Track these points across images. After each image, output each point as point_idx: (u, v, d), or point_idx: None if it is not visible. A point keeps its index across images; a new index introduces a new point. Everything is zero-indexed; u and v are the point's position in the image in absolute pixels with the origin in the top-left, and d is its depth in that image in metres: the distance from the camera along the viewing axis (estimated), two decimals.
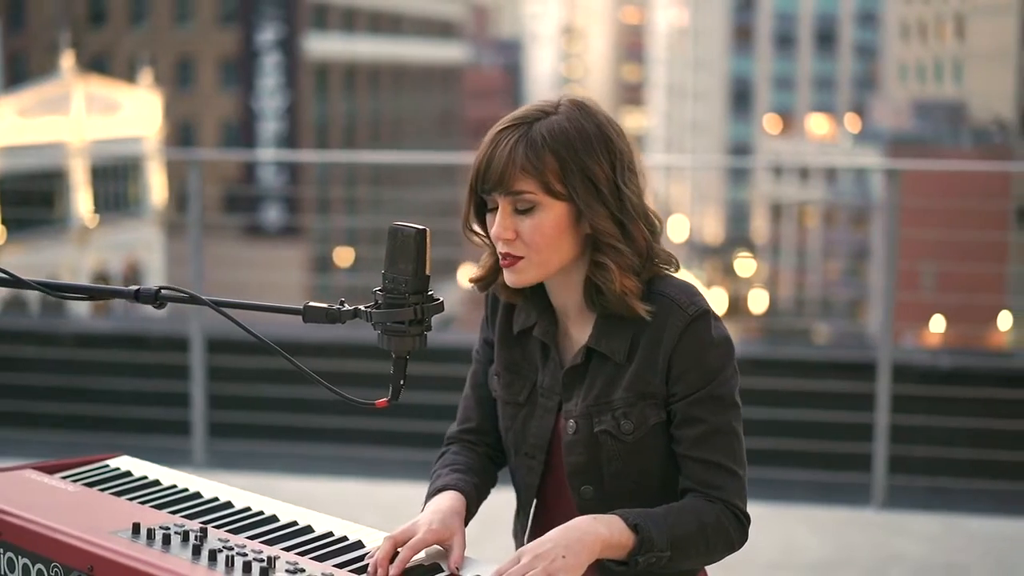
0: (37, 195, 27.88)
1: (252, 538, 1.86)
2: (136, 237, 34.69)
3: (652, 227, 2.01)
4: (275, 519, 1.96)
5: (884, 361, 5.49)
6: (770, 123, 70.35)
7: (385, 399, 1.82)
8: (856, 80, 69.77)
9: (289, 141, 44.98)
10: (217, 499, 2.04)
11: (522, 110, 2.01)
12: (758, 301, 50.51)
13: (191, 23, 46.47)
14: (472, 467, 2.13)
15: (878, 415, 5.51)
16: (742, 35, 74.10)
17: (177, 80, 46.27)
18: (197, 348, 6.03)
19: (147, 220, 35.24)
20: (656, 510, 1.93)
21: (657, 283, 2.01)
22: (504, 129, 1.98)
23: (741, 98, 73.87)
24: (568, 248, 1.98)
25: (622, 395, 2.00)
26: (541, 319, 2.09)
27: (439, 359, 5.39)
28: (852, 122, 60.74)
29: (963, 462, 5.87)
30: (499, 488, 2.21)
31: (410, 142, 53.33)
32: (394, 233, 1.77)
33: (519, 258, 1.98)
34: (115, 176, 34.93)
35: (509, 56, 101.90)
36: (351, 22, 51.51)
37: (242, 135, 45.20)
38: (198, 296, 1.84)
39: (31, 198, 27.31)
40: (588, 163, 1.95)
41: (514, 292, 2.09)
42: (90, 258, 31.91)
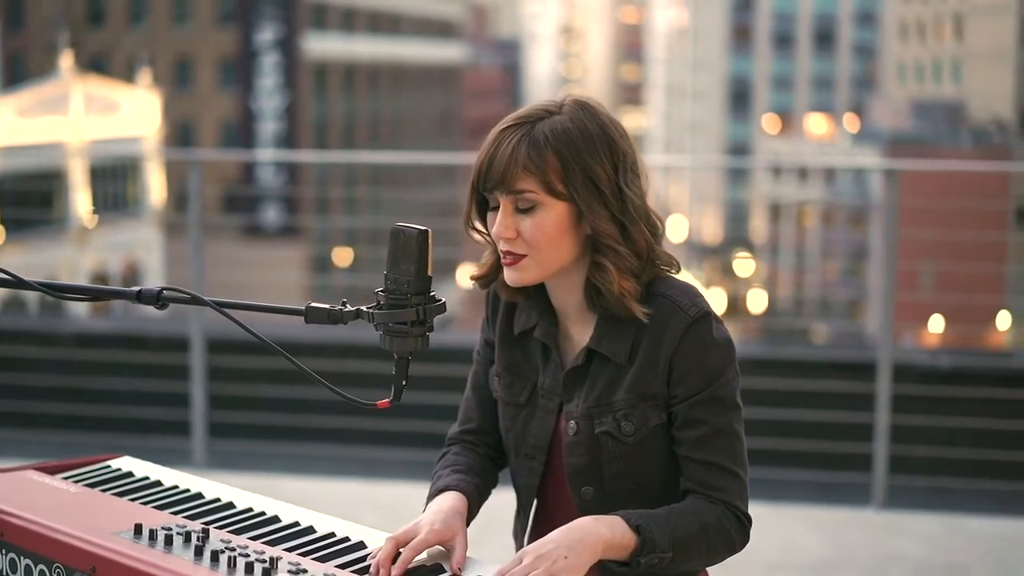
0: (36, 195, 27.85)
1: (254, 539, 1.86)
2: (135, 237, 34.68)
3: (654, 229, 2.01)
4: (277, 520, 1.96)
5: (884, 361, 5.49)
6: (769, 123, 70.37)
7: (387, 400, 1.82)
8: (855, 80, 69.80)
9: (288, 141, 44.99)
10: (219, 500, 2.04)
11: (525, 109, 2.01)
12: (757, 301, 50.47)
13: (190, 23, 46.47)
14: (473, 468, 2.12)
15: (878, 415, 5.51)
16: (741, 35, 74.12)
17: (176, 80, 46.27)
18: (197, 348, 6.03)
19: (146, 220, 35.23)
20: (658, 511, 1.93)
21: (658, 285, 2.01)
22: (507, 128, 1.98)
23: (740, 98, 73.88)
24: (569, 248, 1.98)
25: (623, 396, 2.00)
26: (542, 320, 2.09)
27: (438, 359, 5.38)
28: (851, 122, 60.76)
29: (963, 462, 5.87)
30: (499, 488, 2.21)
31: (409, 142, 53.34)
32: (396, 234, 1.77)
33: (521, 256, 1.97)
34: (114, 176, 34.92)
35: (508, 56, 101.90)
36: (350, 22, 51.51)
37: (241, 135, 45.21)
38: (200, 297, 1.83)
39: (30, 198, 27.27)
40: (590, 163, 1.95)
41: (515, 291, 2.09)
42: (89, 258, 31.90)
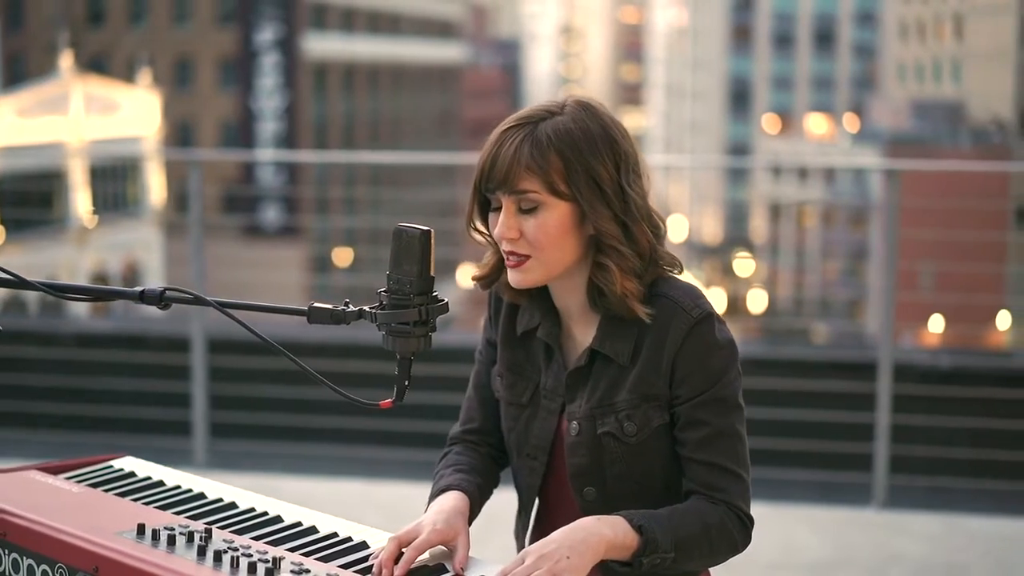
0: (36, 195, 27.85)
1: (257, 539, 1.87)
2: (135, 237, 34.66)
3: (656, 229, 2.01)
4: (279, 520, 1.97)
5: (885, 361, 5.49)
6: (769, 123, 70.36)
7: (390, 400, 1.82)
8: (855, 80, 69.79)
9: (288, 141, 44.98)
10: (221, 500, 2.04)
11: (527, 110, 2.01)
12: (757, 301, 50.45)
13: (190, 23, 46.46)
14: (475, 467, 2.13)
15: (879, 415, 5.51)
16: (741, 35, 74.11)
17: (176, 80, 46.26)
18: (198, 348, 6.03)
19: (146, 220, 35.22)
20: (660, 511, 1.93)
21: (661, 285, 2.01)
22: (509, 128, 1.98)
23: (740, 98, 73.87)
24: (571, 249, 1.98)
25: (626, 397, 2.00)
26: (545, 320, 2.09)
27: (438, 359, 5.39)
28: (851, 122, 60.74)
29: (963, 462, 5.87)
30: (500, 488, 2.21)
31: (409, 142, 53.34)
32: (399, 234, 1.77)
33: (525, 257, 1.97)
34: (114, 176, 34.91)
35: (508, 56, 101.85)
36: (350, 22, 51.50)
37: (241, 135, 45.19)
38: (203, 297, 1.83)
39: (30, 198, 27.26)
40: (593, 164, 1.95)
41: (518, 293, 2.09)
42: (89, 258, 31.88)
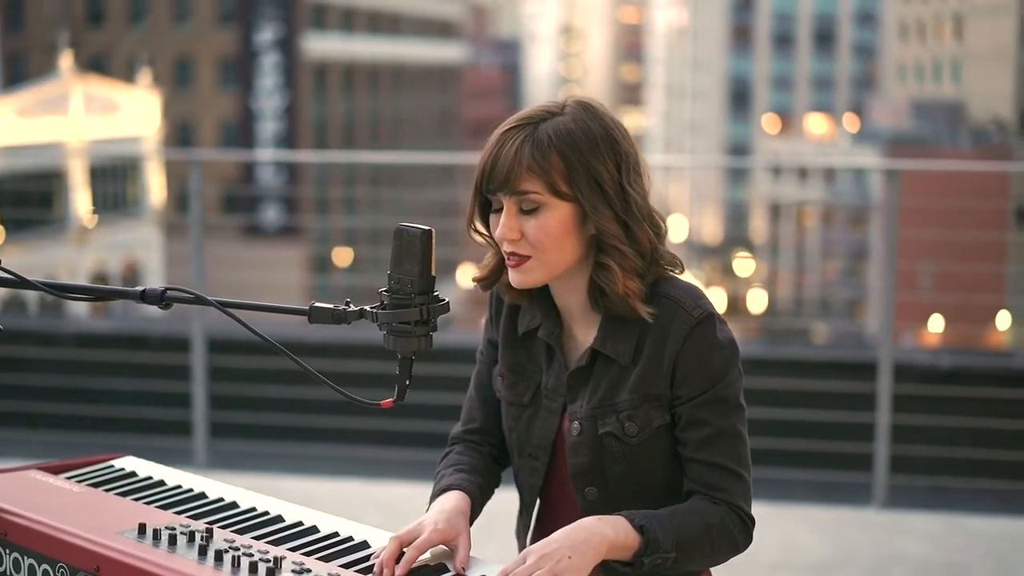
0: (36, 195, 27.84)
1: (258, 538, 1.87)
2: (135, 237, 34.67)
3: (657, 229, 2.01)
4: (280, 519, 1.97)
5: (885, 361, 5.49)
6: (769, 123, 70.35)
7: (391, 399, 1.82)
8: (855, 80, 69.78)
9: (288, 141, 44.98)
10: (222, 499, 2.04)
11: (528, 110, 2.01)
12: (757, 301, 50.44)
13: (190, 23, 46.46)
14: (476, 467, 2.13)
15: (879, 415, 5.51)
16: (741, 35, 74.09)
17: (176, 80, 46.27)
18: (198, 348, 6.03)
19: (146, 220, 35.22)
20: (661, 511, 1.93)
21: (662, 285, 2.01)
22: (510, 129, 1.98)
23: (740, 98, 73.86)
24: (573, 249, 1.98)
25: (627, 397, 2.00)
26: (546, 320, 2.09)
27: (439, 359, 5.39)
28: (851, 122, 60.73)
29: (963, 462, 5.87)
30: (501, 488, 2.21)
31: (409, 142, 53.34)
32: (400, 234, 1.77)
33: (526, 258, 1.97)
34: (114, 176, 34.90)
35: (508, 56, 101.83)
36: (350, 22, 51.50)
37: (241, 135, 45.20)
38: (204, 297, 1.83)
39: (30, 198, 27.25)
40: (594, 164, 1.95)
41: (519, 293, 2.09)
42: (89, 258, 31.87)
